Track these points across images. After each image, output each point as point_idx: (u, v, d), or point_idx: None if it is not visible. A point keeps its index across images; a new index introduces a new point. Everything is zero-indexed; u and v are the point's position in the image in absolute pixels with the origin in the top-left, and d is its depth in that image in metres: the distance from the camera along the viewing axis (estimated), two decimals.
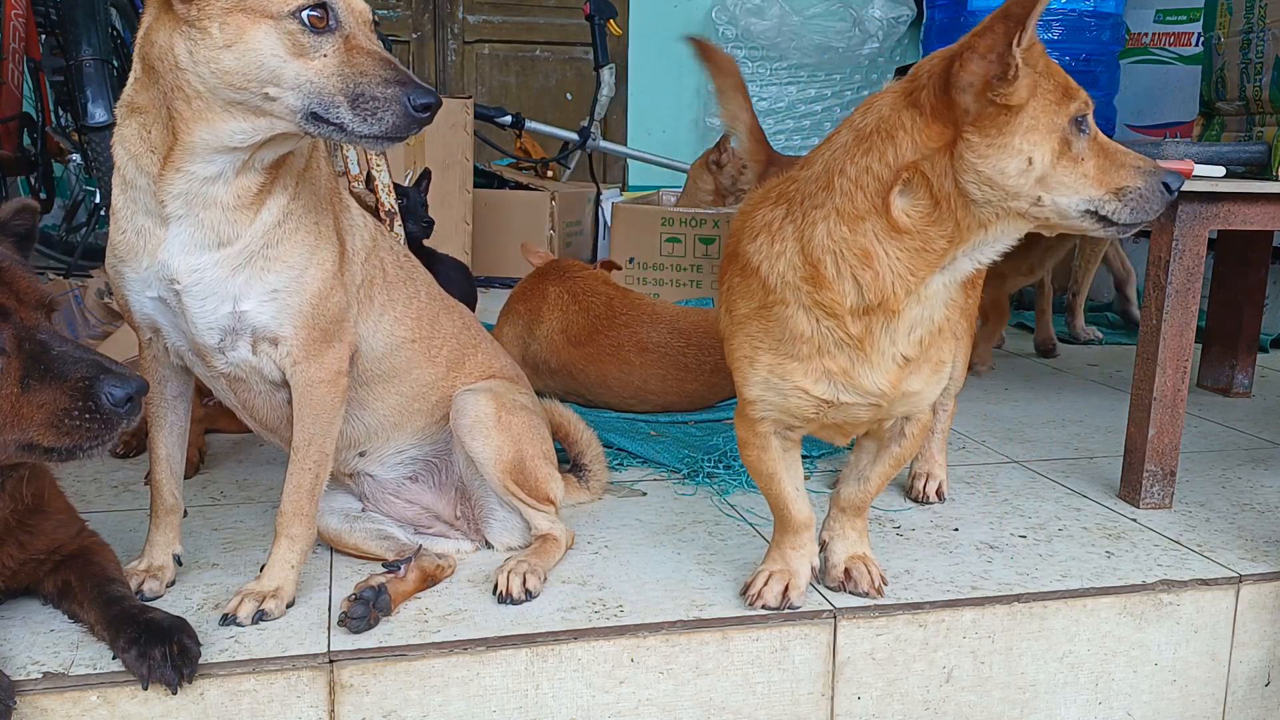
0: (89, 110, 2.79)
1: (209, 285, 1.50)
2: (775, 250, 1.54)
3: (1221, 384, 3.18)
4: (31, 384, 1.29)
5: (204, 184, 1.47)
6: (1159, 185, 1.42)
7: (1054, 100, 1.39)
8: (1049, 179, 1.40)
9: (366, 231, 1.72)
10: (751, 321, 1.58)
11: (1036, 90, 1.38)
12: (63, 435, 1.30)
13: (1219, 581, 1.83)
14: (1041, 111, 1.39)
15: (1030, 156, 1.39)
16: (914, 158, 1.43)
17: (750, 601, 1.67)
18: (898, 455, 1.71)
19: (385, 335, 1.73)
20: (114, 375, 1.30)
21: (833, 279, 1.48)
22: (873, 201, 1.45)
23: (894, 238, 1.46)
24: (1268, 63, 2.53)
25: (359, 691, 1.48)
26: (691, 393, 2.74)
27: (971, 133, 1.39)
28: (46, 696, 1.39)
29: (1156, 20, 4.68)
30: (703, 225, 4.22)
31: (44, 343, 1.31)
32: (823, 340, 1.52)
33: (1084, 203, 1.42)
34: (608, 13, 5.31)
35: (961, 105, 1.39)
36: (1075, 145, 1.41)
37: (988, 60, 1.36)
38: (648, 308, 2.79)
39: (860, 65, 6.53)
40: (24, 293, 1.34)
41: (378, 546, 1.79)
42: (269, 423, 1.70)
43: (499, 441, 1.78)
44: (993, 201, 1.42)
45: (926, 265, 1.46)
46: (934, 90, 1.41)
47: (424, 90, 1.37)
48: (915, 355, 1.54)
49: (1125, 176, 1.42)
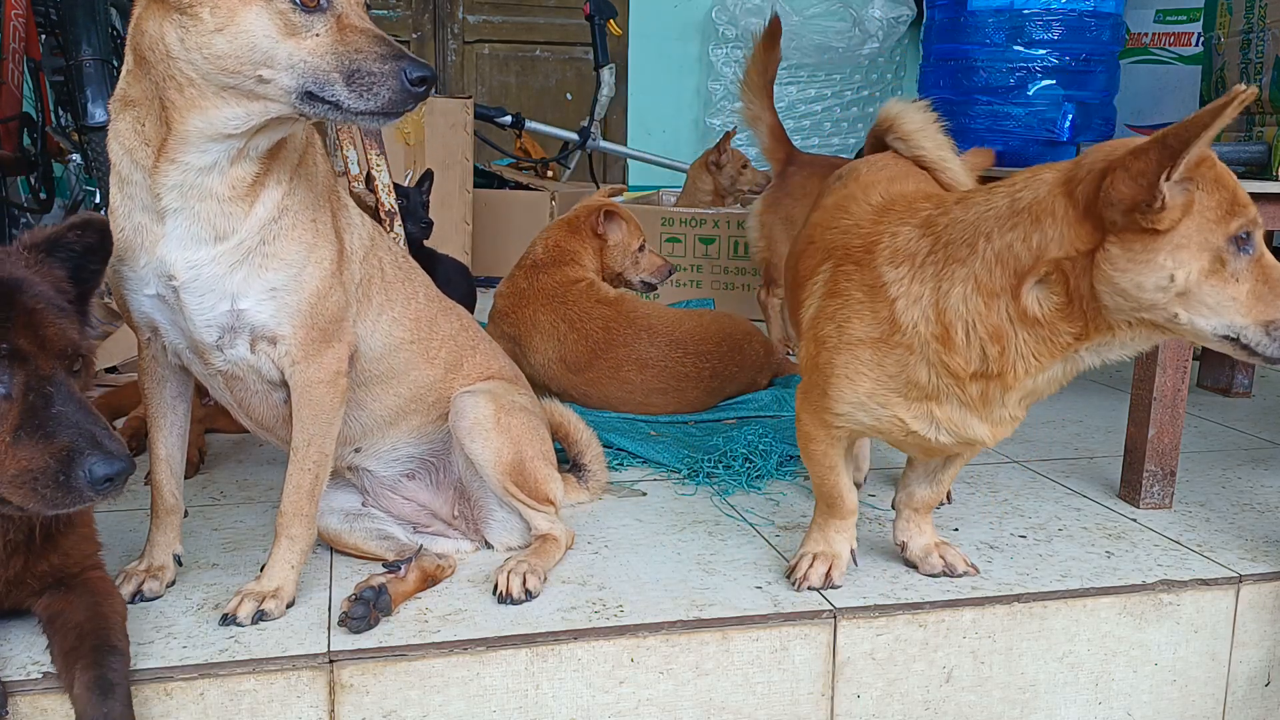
0: (89, 110, 2.79)
1: (206, 282, 1.50)
2: (914, 292, 1.51)
3: (1221, 384, 3.18)
4: (21, 436, 1.24)
5: (199, 175, 1.46)
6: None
7: (1213, 218, 1.31)
8: (1191, 296, 1.33)
9: (364, 231, 1.72)
10: (865, 348, 1.55)
11: (1192, 208, 1.31)
12: (26, 496, 1.25)
13: (1219, 581, 1.83)
14: (1196, 229, 1.31)
15: (1174, 274, 1.32)
16: (1058, 254, 1.39)
17: (796, 585, 1.73)
18: (966, 456, 1.77)
19: (383, 336, 1.73)
20: (101, 451, 1.24)
21: (961, 346, 1.47)
22: (1009, 281, 1.43)
23: (1025, 325, 1.44)
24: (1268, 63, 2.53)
25: (359, 691, 1.48)
26: (693, 400, 2.74)
27: (1114, 244, 1.34)
28: (47, 696, 1.39)
29: (1156, 20, 4.68)
30: (702, 225, 4.22)
31: (49, 396, 1.25)
32: (935, 392, 1.53)
33: (1225, 328, 1.35)
34: (608, 13, 5.31)
35: (1109, 217, 1.34)
36: (1231, 264, 1.32)
37: (1138, 184, 1.29)
38: (643, 321, 2.72)
39: (860, 65, 6.53)
40: (49, 340, 1.28)
41: (378, 546, 1.79)
42: (265, 422, 1.70)
43: (498, 443, 1.78)
44: (1125, 310, 1.37)
45: (1050, 354, 1.45)
46: (1088, 190, 1.36)
47: (419, 64, 1.36)
48: (1023, 416, 1.57)
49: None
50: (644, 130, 6.58)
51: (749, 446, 2.37)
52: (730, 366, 2.78)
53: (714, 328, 2.80)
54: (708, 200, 4.60)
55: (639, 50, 6.51)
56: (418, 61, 1.37)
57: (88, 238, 1.41)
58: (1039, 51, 2.86)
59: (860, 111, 6.61)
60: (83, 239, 1.40)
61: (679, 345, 2.71)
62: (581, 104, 6.30)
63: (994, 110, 2.91)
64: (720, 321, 2.85)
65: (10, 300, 1.27)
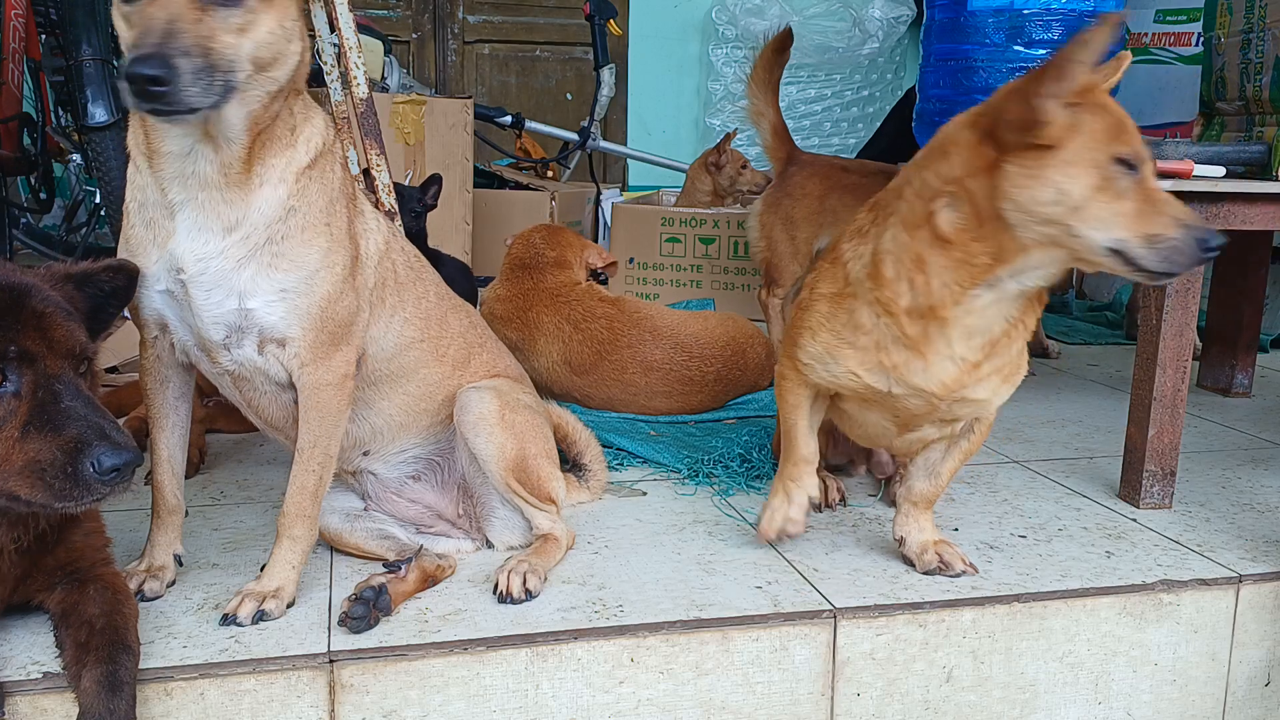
0: (89, 110, 2.79)
1: (214, 276, 1.49)
2: (859, 250, 1.68)
3: (1221, 384, 3.18)
4: (30, 431, 1.27)
5: (185, 162, 1.46)
6: (1194, 240, 1.43)
7: (1099, 139, 1.44)
8: (1082, 211, 1.44)
9: (380, 235, 1.72)
10: (824, 302, 1.72)
11: (1079, 129, 1.44)
12: (34, 488, 1.27)
13: (1219, 581, 1.83)
14: (1083, 148, 1.44)
15: (1064, 188, 1.44)
16: (960, 174, 1.52)
17: (760, 535, 1.86)
18: (966, 449, 1.81)
19: (395, 336, 1.73)
20: (109, 443, 1.27)
21: (891, 279, 1.60)
22: (926, 209, 1.55)
23: (939, 247, 1.55)
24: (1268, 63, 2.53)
25: (359, 691, 1.48)
26: (696, 404, 2.73)
27: (1011, 162, 1.47)
28: (47, 696, 1.39)
29: (1156, 20, 4.68)
30: (702, 225, 4.22)
31: (57, 393, 1.29)
32: (881, 336, 1.64)
33: (1111, 241, 1.45)
34: (608, 13, 5.31)
35: (1004, 138, 1.47)
36: (1117, 183, 1.44)
37: (1027, 105, 1.43)
38: (648, 323, 2.71)
39: (860, 65, 6.53)
40: (57, 341, 1.32)
41: (378, 546, 1.79)
42: (274, 421, 1.70)
43: (502, 439, 1.78)
44: (1028, 226, 1.48)
45: (971, 278, 1.55)
46: (988, 119, 1.50)
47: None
48: (979, 359, 1.62)
49: (1161, 225, 1.44)
50: (644, 130, 6.58)
51: (747, 447, 2.38)
52: (734, 371, 2.78)
53: (719, 331, 2.79)
54: (706, 201, 4.60)
55: (639, 50, 6.51)
56: None
57: (118, 280, 1.47)
58: (1039, 51, 2.86)
59: (860, 111, 6.62)
60: (113, 281, 1.46)
61: (684, 349, 2.70)
62: (581, 104, 6.30)
63: None
64: (725, 325, 2.84)
65: (20, 304, 1.31)
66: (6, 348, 1.28)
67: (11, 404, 1.28)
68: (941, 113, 3.01)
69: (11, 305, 1.30)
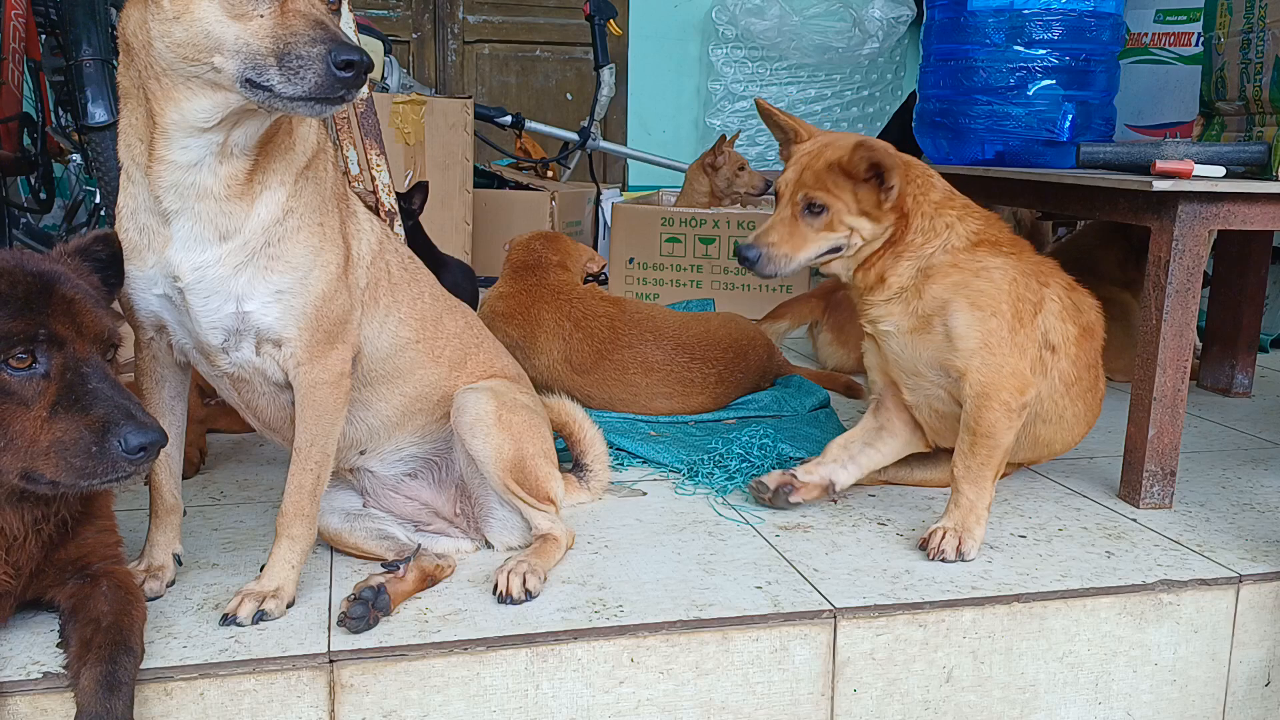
0: (89, 110, 2.78)
1: (211, 283, 1.50)
2: None
3: (1221, 384, 3.18)
4: (58, 411, 1.31)
5: (189, 172, 1.46)
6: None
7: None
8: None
9: (373, 235, 1.72)
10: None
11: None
12: (59, 468, 1.31)
13: (1219, 581, 1.83)
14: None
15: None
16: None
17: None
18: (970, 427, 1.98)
19: (390, 336, 1.73)
20: (135, 422, 1.31)
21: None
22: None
23: None
24: (1268, 63, 2.53)
25: (359, 691, 1.48)
26: (697, 406, 2.73)
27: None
28: (47, 696, 1.39)
29: (1156, 20, 4.68)
30: (702, 225, 4.22)
31: (84, 375, 1.33)
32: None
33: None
34: (608, 13, 5.31)
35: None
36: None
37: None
38: (649, 324, 2.71)
39: (860, 65, 6.53)
40: (85, 325, 1.36)
41: (377, 546, 1.79)
42: (272, 422, 1.70)
43: (499, 440, 1.78)
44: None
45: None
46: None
47: (349, 48, 1.31)
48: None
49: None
50: (644, 130, 6.58)
51: (747, 447, 2.38)
52: (736, 372, 2.78)
53: (721, 333, 2.79)
54: (704, 202, 4.59)
55: (639, 50, 6.51)
56: (349, 45, 1.32)
57: (106, 250, 1.51)
58: (1039, 51, 2.86)
59: (860, 112, 6.61)
60: (102, 251, 1.51)
61: (686, 350, 2.69)
62: (581, 104, 6.30)
63: (994, 110, 2.91)
64: (727, 326, 2.84)
65: (50, 290, 1.36)
66: (36, 331, 1.32)
67: (40, 385, 1.32)
68: (941, 113, 3.01)
69: (42, 291, 1.35)
